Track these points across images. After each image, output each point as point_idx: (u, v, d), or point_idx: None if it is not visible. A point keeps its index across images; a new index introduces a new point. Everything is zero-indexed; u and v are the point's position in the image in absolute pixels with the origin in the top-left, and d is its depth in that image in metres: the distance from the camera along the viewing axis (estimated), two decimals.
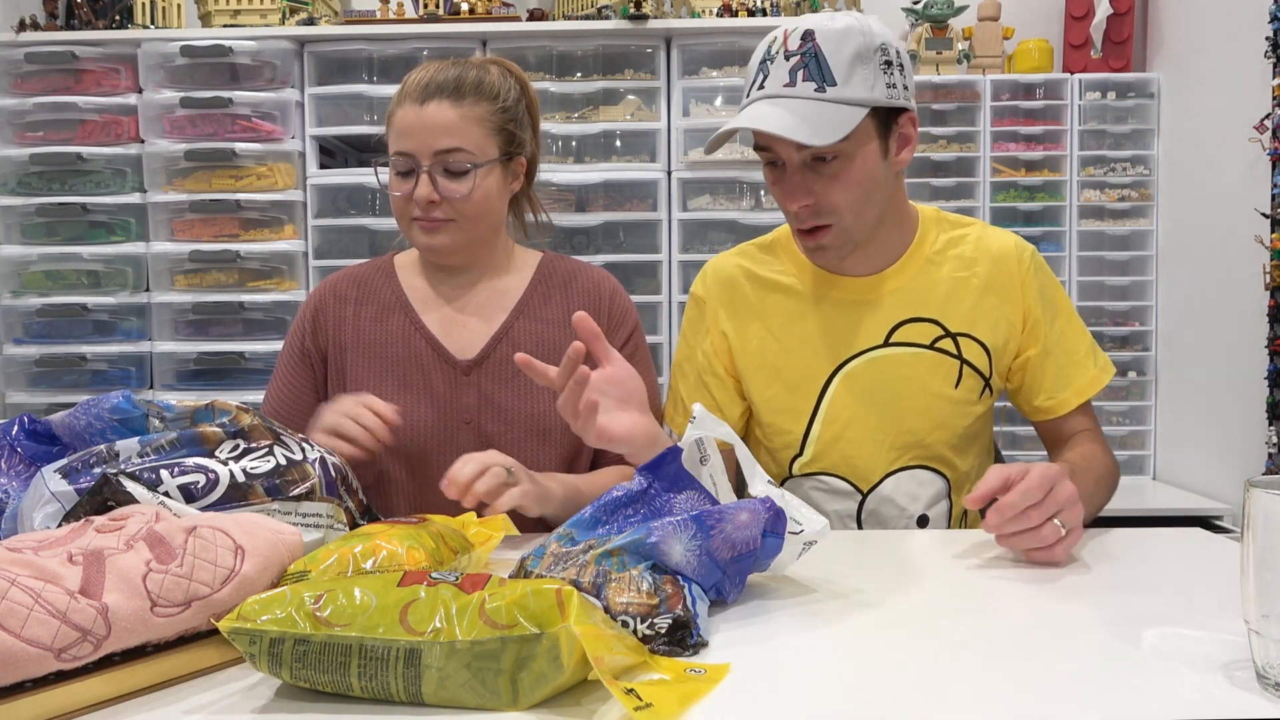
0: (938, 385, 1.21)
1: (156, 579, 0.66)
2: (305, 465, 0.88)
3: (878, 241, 1.20)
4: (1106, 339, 2.64)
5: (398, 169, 1.24)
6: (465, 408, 1.28)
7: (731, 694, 0.65)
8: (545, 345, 1.30)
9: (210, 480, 0.80)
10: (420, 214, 1.23)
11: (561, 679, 0.62)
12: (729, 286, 1.28)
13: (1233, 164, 2.26)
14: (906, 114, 1.13)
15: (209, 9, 2.58)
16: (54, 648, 0.59)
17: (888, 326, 1.21)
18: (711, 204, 2.59)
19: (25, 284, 2.59)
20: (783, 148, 1.10)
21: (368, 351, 1.31)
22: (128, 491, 0.75)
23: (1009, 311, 1.22)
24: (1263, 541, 0.63)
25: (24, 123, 2.57)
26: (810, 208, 1.11)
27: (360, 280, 1.36)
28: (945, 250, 1.23)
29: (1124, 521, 1.15)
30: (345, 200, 2.63)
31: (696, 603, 0.75)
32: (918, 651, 0.73)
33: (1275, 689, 0.64)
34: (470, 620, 0.62)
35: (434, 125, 1.22)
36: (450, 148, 1.22)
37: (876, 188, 1.14)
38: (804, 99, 1.07)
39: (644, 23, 2.47)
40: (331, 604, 0.63)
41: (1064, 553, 0.94)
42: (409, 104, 1.23)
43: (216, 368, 2.58)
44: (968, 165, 2.62)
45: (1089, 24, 2.67)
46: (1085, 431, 1.24)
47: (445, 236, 1.25)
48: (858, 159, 1.10)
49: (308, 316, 1.34)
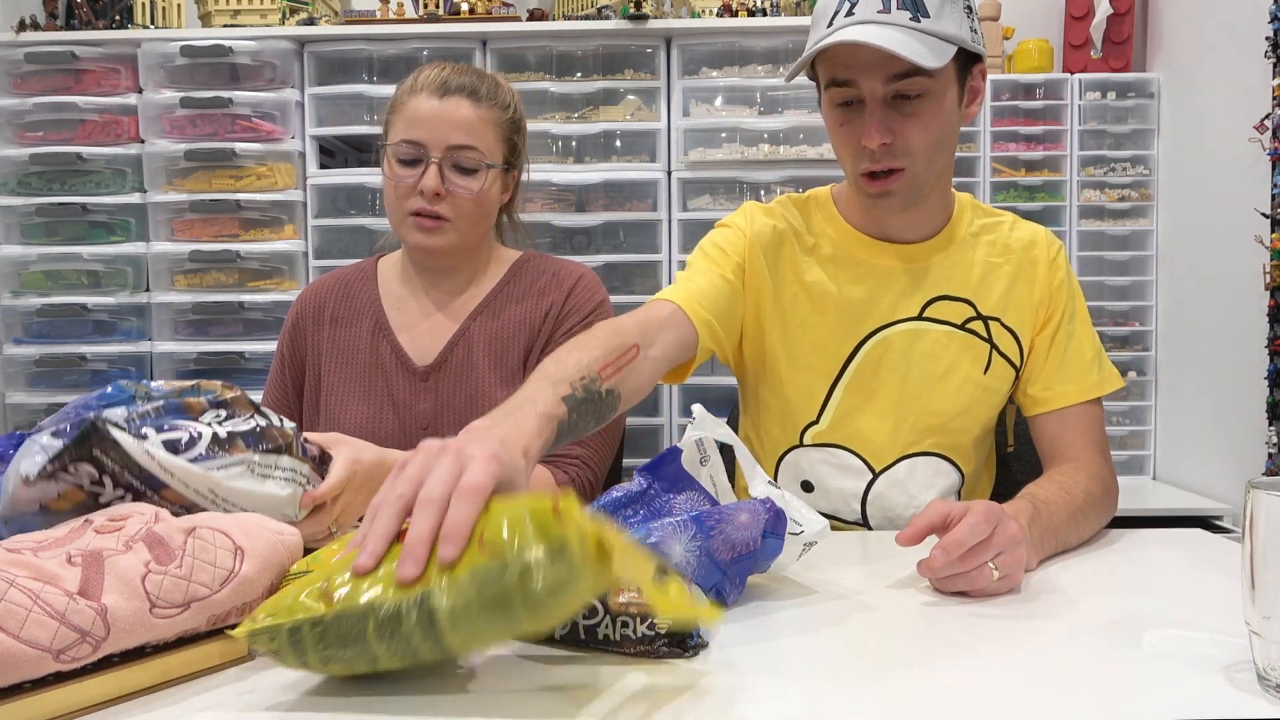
0: (967, 367, 1.19)
1: (156, 580, 0.66)
2: (284, 428, 0.88)
3: (928, 205, 1.17)
4: (1106, 339, 2.64)
5: (402, 157, 1.23)
6: (422, 414, 1.27)
7: (732, 694, 0.65)
8: (500, 343, 1.28)
9: (193, 436, 0.80)
10: (421, 207, 1.22)
11: (581, 584, 0.58)
12: (773, 235, 1.21)
13: (1233, 164, 2.26)
14: (979, 65, 1.11)
15: (209, 9, 2.58)
16: (53, 649, 0.59)
17: (923, 300, 1.19)
18: (711, 204, 2.59)
19: (25, 284, 2.59)
20: (867, 80, 1.04)
21: (340, 358, 1.31)
22: (114, 438, 0.74)
23: (1033, 298, 1.20)
24: (1263, 542, 0.63)
25: (24, 123, 2.56)
26: (888, 147, 1.06)
27: (341, 284, 1.36)
28: (980, 234, 1.22)
29: (1124, 521, 1.13)
30: (345, 200, 2.63)
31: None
32: (917, 652, 0.73)
33: (1276, 690, 0.63)
34: (470, 554, 0.59)
35: (452, 120, 1.22)
36: (465, 144, 1.22)
37: (949, 136, 1.10)
38: (900, 26, 1.01)
39: (644, 23, 2.47)
40: (340, 583, 0.62)
41: (995, 592, 0.87)
42: (426, 95, 1.23)
43: (216, 368, 2.58)
44: (968, 165, 2.61)
45: (1089, 24, 2.67)
46: (1078, 460, 1.14)
47: (441, 237, 1.24)
48: (941, 100, 1.06)
49: (290, 322, 1.35)
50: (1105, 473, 1.14)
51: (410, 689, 0.66)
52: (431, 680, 0.68)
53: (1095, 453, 1.16)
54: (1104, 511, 1.10)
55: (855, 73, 1.05)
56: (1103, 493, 1.09)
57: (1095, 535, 1.08)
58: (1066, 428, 1.18)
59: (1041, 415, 1.20)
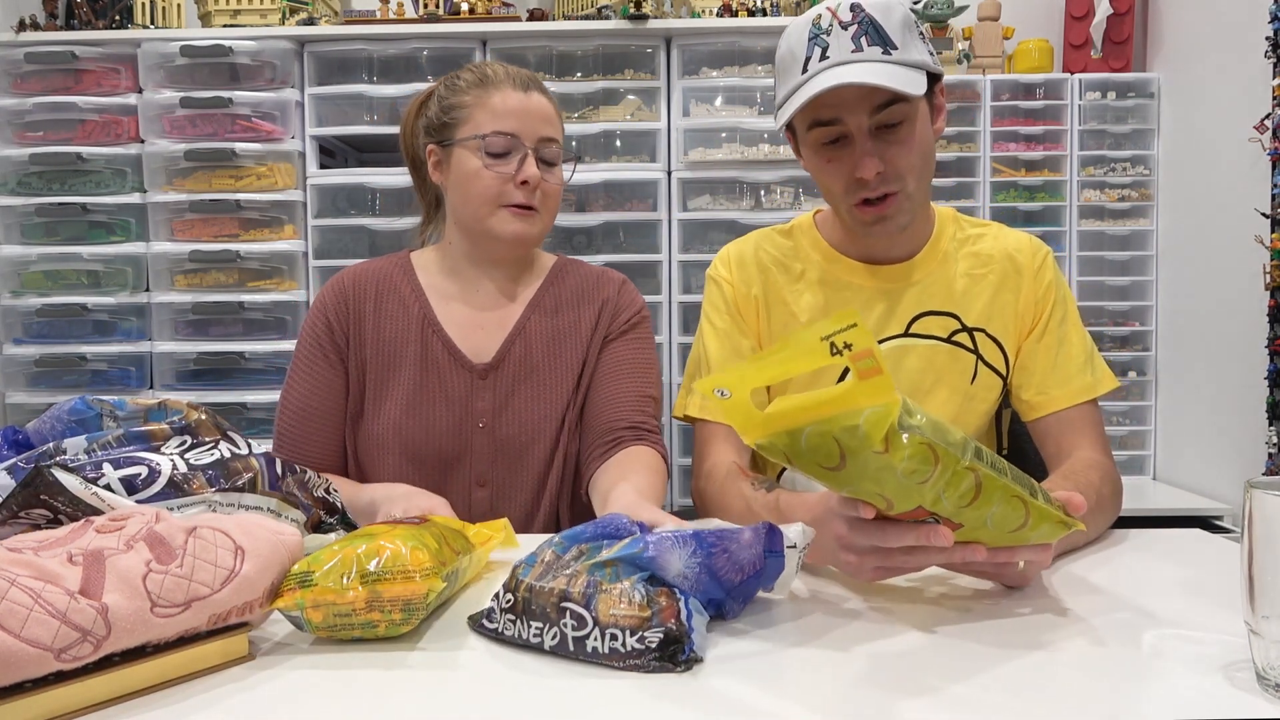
0: (954, 379, 1.21)
1: (157, 579, 0.66)
2: (250, 459, 0.88)
3: (912, 224, 1.19)
4: (1106, 339, 2.64)
5: (494, 150, 1.23)
6: (480, 412, 1.28)
7: (731, 706, 0.65)
8: (557, 342, 1.30)
9: (152, 472, 0.80)
10: (522, 199, 1.23)
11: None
12: (755, 267, 1.26)
13: (1233, 164, 2.26)
14: (939, 83, 1.15)
15: (209, 9, 2.58)
16: (54, 648, 0.59)
17: (909, 316, 1.21)
18: (711, 204, 2.59)
19: (25, 284, 2.59)
20: (853, 115, 1.08)
21: (386, 350, 1.29)
22: (59, 482, 0.74)
23: (1018, 305, 1.22)
24: (1263, 542, 0.63)
25: (24, 123, 2.56)
26: (881, 175, 1.11)
27: (379, 276, 1.33)
28: (962, 247, 1.24)
29: (1124, 521, 1.13)
30: (345, 200, 2.63)
31: (693, 617, 0.72)
32: (917, 652, 0.73)
33: (1275, 690, 0.63)
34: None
35: (539, 113, 1.25)
36: (552, 136, 1.26)
37: (930, 155, 1.15)
38: (876, 61, 1.06)
39: (644, 23, 2.48)
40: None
41: (1016, 584, 0.88)
42: (510, 89, 1.24)
43: (216, 368, 2.58)
44: (968, 165, 2.62)
45: (1089, 24, 2.67)
46: (1083, 453, 1.16)
47: (535, 226, 1.26)
48: (919, 122, 1.11)
49: (326, 313, 1.31)
50: (1114, 472, 1.15)
51: (404, 698, 0.66)
52: (427, 687, 0.68)
53: (1100, 452, 1.17)
54: (1113, 510, 1.11)
55: (840, 111, 1.09)
56: (1112, 492, 1.11)
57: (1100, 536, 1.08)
58: (1068, 429, 1.19)
59: (1041, 420, 1.21)
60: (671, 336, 2.55)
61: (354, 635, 0.75)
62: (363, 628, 0.74)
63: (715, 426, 1.21)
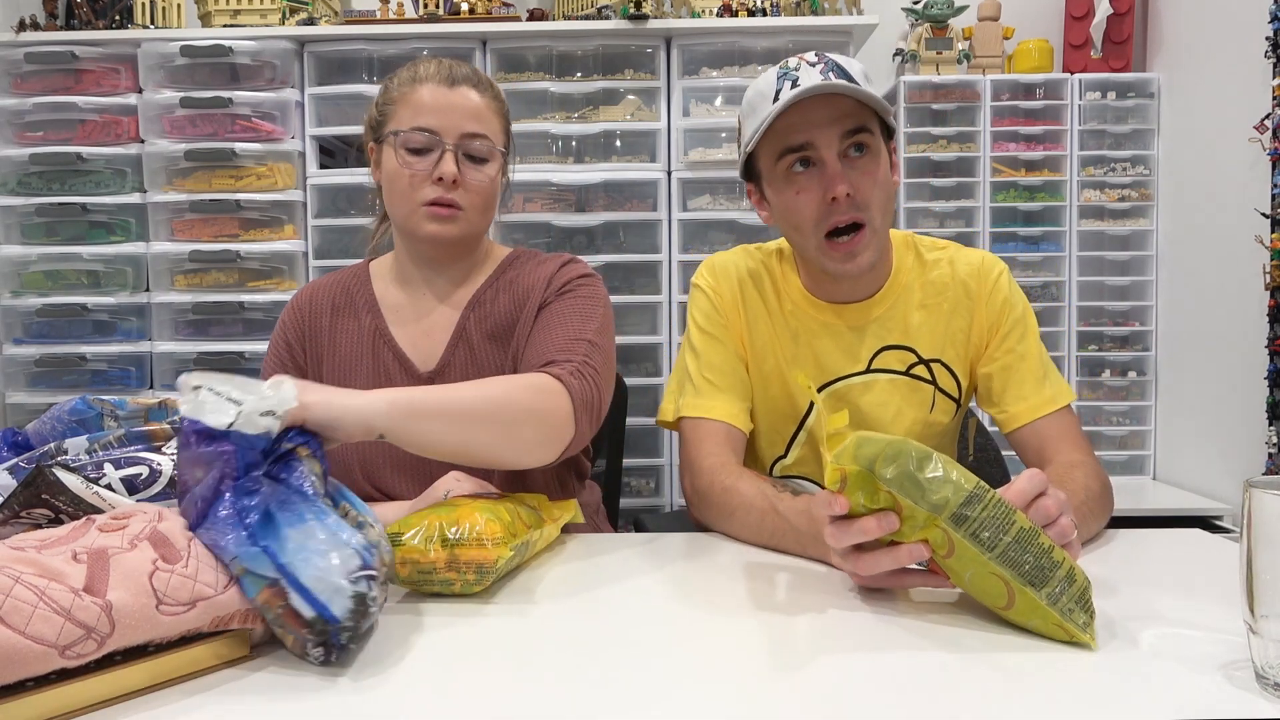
0: (913, 411, 1.26)
1: (164, 577, 0.66)
2: None
3: (876, 263, 1.22)
4: (1106, 339, 2.64)
5: (413, 145, 1.20)
6: None
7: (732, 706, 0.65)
8: (499, 338, 1.26)
9: (153, 472, 0.81)
10: (438, 196, 1.20)
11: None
12: (738, 280, 1.30)
13: (1233, 164, 2.26)
14: (892, 141, 1.21)
15: (209, 9, 2.58)
16: (58, 644, 0.60)
17: (870, 353, 1.26)
18: (711, 204, 2.59)
19: (25, 284, 2.59)
20: (824, 136, 1.12)
21: (342, 364, 1.28)
22: (61, 482, 0.74)
23: (970, 332, 1.25)
24: (1262, 541, 0.63)
25: (24, 123, 2.57)
26: (851, 198, 1.14)
27: (335, 291, 1.33)
28: (918, 277, 1.27)
29: (1124, 521, 1.13)
30: (345, 200, 2.64)
31: (309, 594, 0.68)
32: (915, 652, 0.73)
33: (1274, 689, 0.64)
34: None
35: (464, 108, 1.21)
36: (478, 132, 1.21)
37: (891, 196, 1.20)
38: (845, 83, 1.11)
39: (644, 23, 2.48)
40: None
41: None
42: (434, 84, 1.22)
43: (216, 368, 2.57)
44: (968, 165, 2.62)
45: (1089, 24, 2.68)
46: (1063, 457, 1.16)
47: (455, 226, 1.22)
48: (881, 158, 1.16)
49: (286, 333, 1.32)
50: (1098, 467, 1.16)
51: (400, 700, 0.67)
52: (422, 688, 0.69)
53: (1081, 452, 1.17)
54: (1107, 506, 1.11)
55: (810, 134, 1.13)
56: (1100, 486, 1.11)
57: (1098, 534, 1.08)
58: (1045, 439, 1.20)
59: (1014, 433, 1.23)
60: (671, 336, 2.55)
61: (434, 590, 0.86)
62: (442, 584, 0.85)
63: (709, 425, 1.22)
